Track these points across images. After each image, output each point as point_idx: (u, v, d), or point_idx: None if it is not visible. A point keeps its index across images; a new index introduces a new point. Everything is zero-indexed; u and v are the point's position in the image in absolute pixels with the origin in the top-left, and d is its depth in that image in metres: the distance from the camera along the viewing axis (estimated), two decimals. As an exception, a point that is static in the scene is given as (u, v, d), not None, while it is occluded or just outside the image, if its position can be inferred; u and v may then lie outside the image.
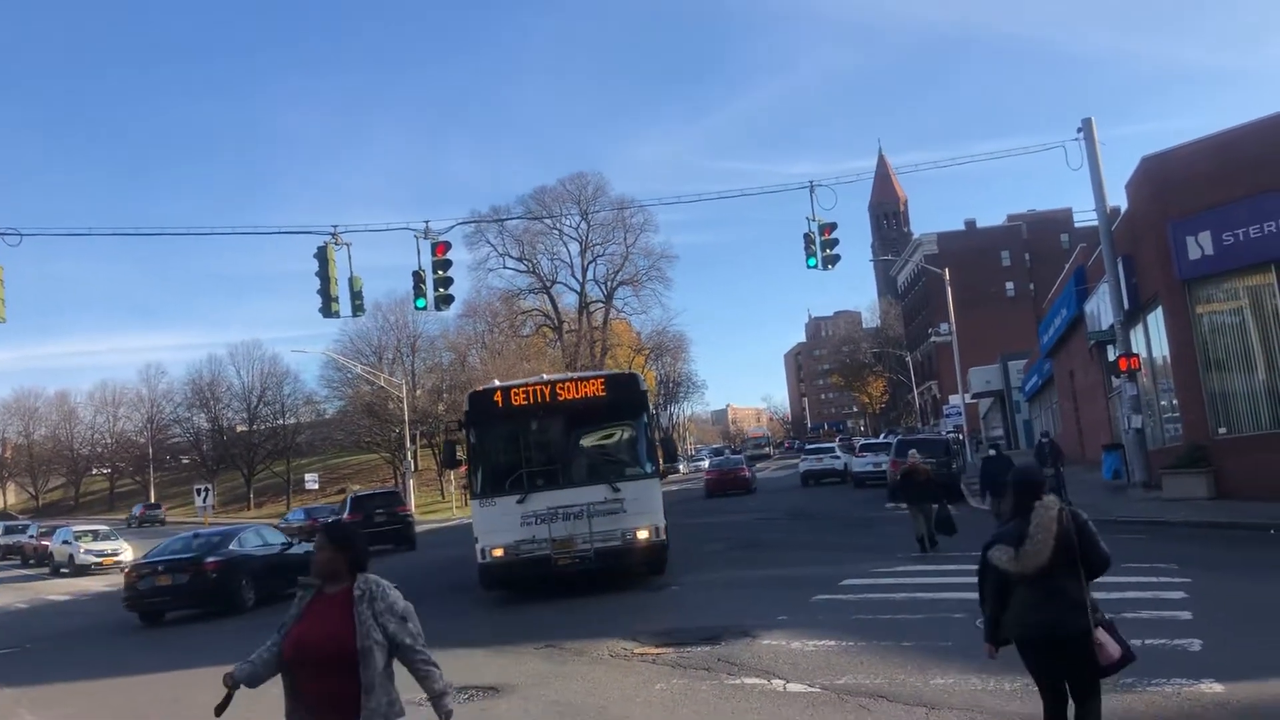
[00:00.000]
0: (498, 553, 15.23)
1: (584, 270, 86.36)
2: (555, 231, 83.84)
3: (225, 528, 23.99)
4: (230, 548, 19.49)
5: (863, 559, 17.03)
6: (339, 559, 4.36)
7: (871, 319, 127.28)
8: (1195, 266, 20.80)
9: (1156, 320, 23.65)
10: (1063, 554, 5.28)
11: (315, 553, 4.46)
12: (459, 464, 18.60)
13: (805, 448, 54.07)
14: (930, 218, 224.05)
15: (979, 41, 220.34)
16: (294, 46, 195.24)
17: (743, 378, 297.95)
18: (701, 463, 76.64)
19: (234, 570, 18.95)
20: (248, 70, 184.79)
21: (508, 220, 76.31)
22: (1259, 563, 13.90)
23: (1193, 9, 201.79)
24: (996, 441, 44.25)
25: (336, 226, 21.28)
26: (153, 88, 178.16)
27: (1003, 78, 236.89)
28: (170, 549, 19.79)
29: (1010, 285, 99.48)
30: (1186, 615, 10.03)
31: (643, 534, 15.34)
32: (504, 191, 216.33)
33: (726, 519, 29.46)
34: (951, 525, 17.40)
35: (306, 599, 4.38)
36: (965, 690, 7.94)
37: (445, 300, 22.46)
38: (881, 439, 53.36)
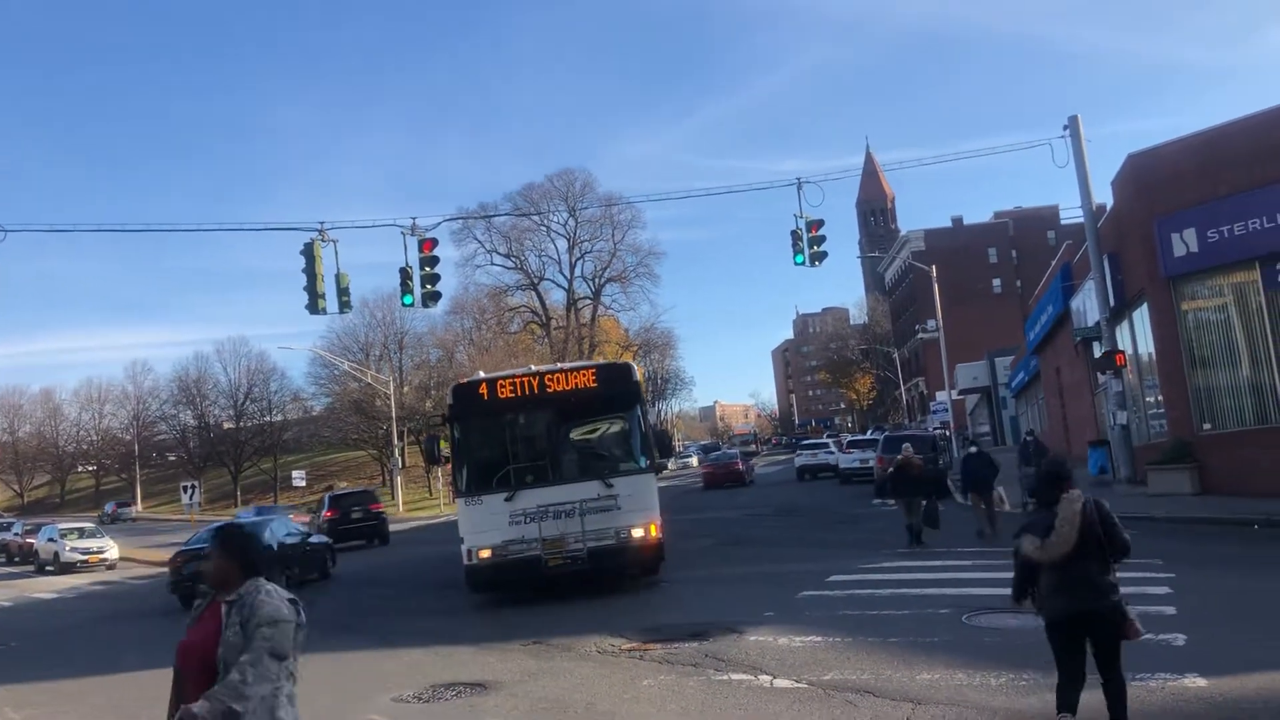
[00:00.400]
0: (485, 554, 14.40)
1: (572, 267, 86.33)
2: (543, 228, 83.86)
3: (256, 518, 26.85)
4: (265, 536, 20.62)
5: (849, 555, 17.08)
6: (228, 566, 4.13)
7: (859, 316, 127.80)
8: (1180, 263, 20.90)
9: (1142, 317, 23.75)
10: (1087, 542, 5.82)
11: (205, 560, 4.23)
12: (443, 460, 17.56)
13: (802, 443, 56.53)
14: (917, 215, 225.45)
15: (967, 39, 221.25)
16: (282, 43, 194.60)
17: (731, 374, 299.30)
18: (689, 459, 76.83)
19: (271, 556, 19.87)
20: (236, 66, 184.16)
21: (495, 217, 76.26)
22: (1243, 558, 14.01)
23: (1182, 7, 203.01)
24: (977, 439, 44.52)
25: (323, 223, 21.25)
26: (140, 84, 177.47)
27: (990, 75, 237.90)
28: (210, 537, 20.46)
29: (997, 282, 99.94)
30: (1171, 610, 10.08)
31: (638, 532, 14.52)
32: (492, 188, 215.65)
33: (715, 515, 29.50)
34: (937, 520, 17.65)
35: (203, 607, 4.19)
36: (951, 685, 7.98)
37: (433, 297, 22.45)
38: (868, 435, 53.57)
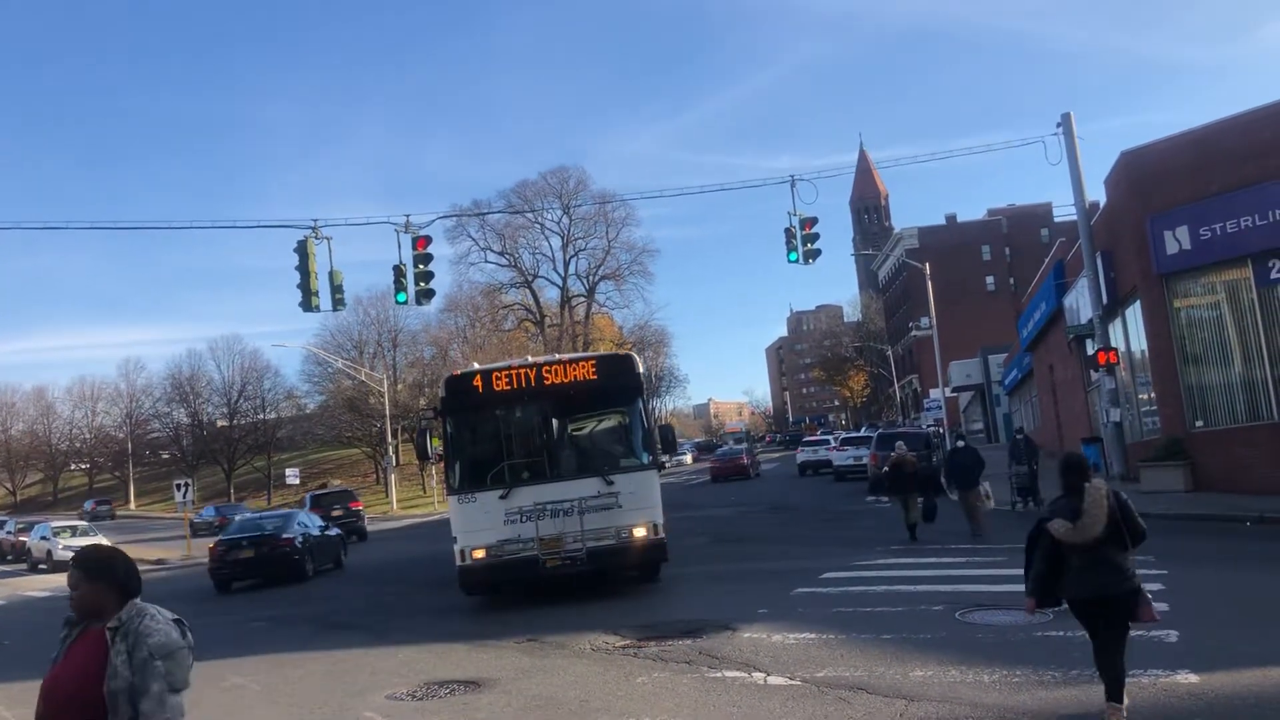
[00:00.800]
0: (479, 554, 13.78)
1: (566, 264, 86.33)
2: (537, 225, 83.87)
3: (283, 511, 28.69)
4: (294, 527, 23.23)
5: (843, 552, 17.10)
6: (99, 590, 3.61)
7: (853, 313, 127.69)
8: (1173, 261, 20.94)
9: (1135, 314, 23.81)
10: (1111, 527, 6.33)
11: (71, 590, 3.68)
12: (434, 455, 16.95)
13: (803, 440, 58.60)
14: (911, 212, 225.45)
15: (960, 36, 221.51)
16: (272, 40, 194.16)
17: (725, 372, 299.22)
18: (683, 457, 76.86)
19: (302, 546, 22.72)
20: (226, 64, 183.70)
21: (489, 214, 76.07)
22: (1235, 555, 14.07)
23: (1175, 4, 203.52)
24: (963, 433, 44.63)
25: (317, 220, 21.21)
26: (131, 81, 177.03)
27: (984, 73, 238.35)
28: (246, 528, 23.64)
29: (990, 279, 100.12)
30: (1163, 607, 10.03)
31: (639, 531, 13.87)
32: (485, 185, 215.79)
33: (709, 512, 29.53)
34: (933, 514, 18.10)
35: (71, 639, 3.68)
36: (944, 682, 7.99)
37: (426, 294, 22.41)
38: (862, 433, 53.68)
